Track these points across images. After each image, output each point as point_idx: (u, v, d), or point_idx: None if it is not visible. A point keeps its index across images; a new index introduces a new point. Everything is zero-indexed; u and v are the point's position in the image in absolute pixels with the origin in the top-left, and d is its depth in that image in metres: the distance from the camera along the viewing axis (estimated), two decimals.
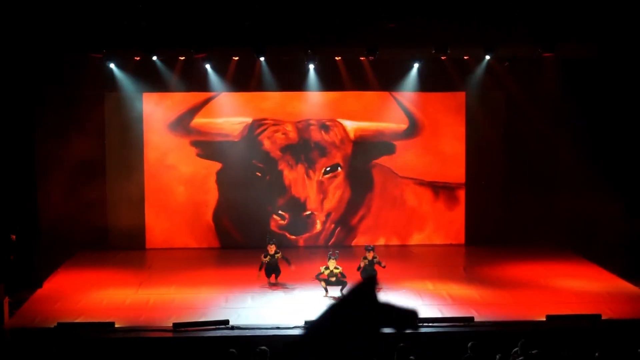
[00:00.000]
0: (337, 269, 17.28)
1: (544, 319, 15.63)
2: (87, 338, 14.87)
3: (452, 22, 18.39)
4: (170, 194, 21.62)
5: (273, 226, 21.63)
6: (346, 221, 21.86)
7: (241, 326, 15.30)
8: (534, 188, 22.10)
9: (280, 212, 21.55)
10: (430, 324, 15.33)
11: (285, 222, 21.54)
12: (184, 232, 21.76)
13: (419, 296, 17.34)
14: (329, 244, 21.55)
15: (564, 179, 21.98)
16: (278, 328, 15.23)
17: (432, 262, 20.70)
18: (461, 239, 22.10)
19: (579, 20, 18.60)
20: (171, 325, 15.31)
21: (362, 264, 17.82)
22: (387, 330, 3.70)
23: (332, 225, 21.73)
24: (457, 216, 22.05)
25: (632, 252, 19.59)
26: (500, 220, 22.09)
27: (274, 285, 18.15)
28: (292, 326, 15.32)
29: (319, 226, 21.69)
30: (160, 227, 21.72)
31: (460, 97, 21.69)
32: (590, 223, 21.11)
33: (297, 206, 21.63)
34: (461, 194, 21.92)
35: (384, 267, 17.91)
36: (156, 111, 21.50)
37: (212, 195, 21.69)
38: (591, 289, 17.98)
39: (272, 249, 18.08)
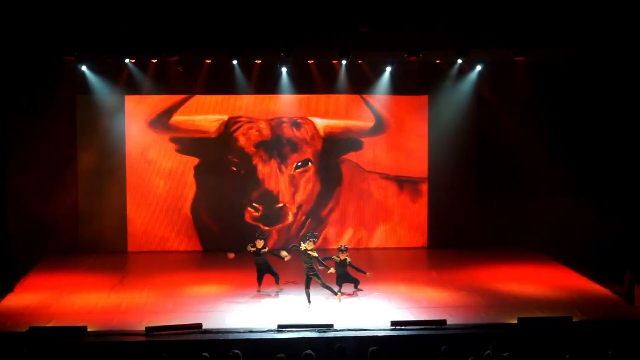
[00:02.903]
0: (313, 252, 16.31)
1: (516, 322, 14.85)
2: (59, 342, 13.94)
3: (424, 26, 17.12)
4: (151, 188, 21.16)
5: (247, 218, 21.29)
6: (316, 213, 21.59)
7: (214, 330, 14.48)
8: (506, 191, 21.33)
9: (254, 204, 21.35)
10: (402, 327, 14.49)
11: (259, 214, 21.41)
12: (163, 223, 21.28)
13: (391, 299, 16.52)
14: (300, 234, 20.92)
15: (535, 183, 21.13)
16: (251, 331, 14.40)
17: (403, 265, 19.86)
18: (429, 237, 21.79)
19: (552, 25, 17.30)
20: (144, 329, 14.40)
21: (333, 262, 16.80)
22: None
23: (304, 217, 21.57)
24: (421, 208, 21.74)
25: (602, 254, 18.67)
26: (472, 222, 21.51)
27: (261, 293, 17.02)
28: (265, 329, 14.45)
29: (290, 218, 21.55)
30: (141, 219, 21.13)
31: (423, 99, 21.39)
32: (562, 226, 20.25)
33: (270, 199, 21.39)
34: (424, 187, 21.68)
35: (365, 272, 16.98)
36: (136, 111, 20.90)
37: (190, 189, 21.22)
38: (562, 291, 17.08)
39: (259, 243, 16.94)
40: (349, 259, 16.89)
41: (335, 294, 16.37)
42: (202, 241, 21.60)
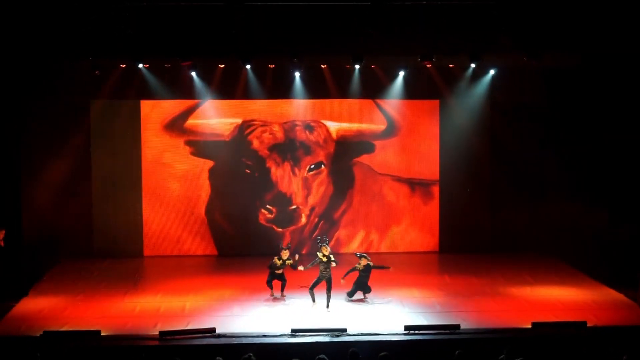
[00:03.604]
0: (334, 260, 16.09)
1: (530, 327, 14.59)
2: (73, 346, 13.79)
3: (438, 31, 16.73)
4: (166, 190, 21.09)
5: (261, 220, 21.24)
6: (329, 215, 21.47)
7: (228, 334, 14.29)
8: (518, 194, 21.04)
9: (267, 206, 21.31)
10: (416, 332, 14.26)
11: (272, 216, 21.38)
12: (178, 225, 21.22)
13: (404, 304, 16.31)
14: (313, 236, 21.02)
15: (548, 187, 20.83)
16: (265, 336, 14.20)
17: (415, 269, 19.57)
18: (440, 240, 21.70)
19: (565, 30, 16.84)
20: (157, 333, 14.21)
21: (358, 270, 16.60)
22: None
23: (316, 219, 21.49)
24: (432, 210, 21.62)
25: (617, 259, 18.24)
26: (484, 226, 21.31)
27: (278, 298, 16.78)
28: (278, 334, 14.25)
29: (303, 219, 21.49)
30: (156, 221, 21.03)
31: (435, 103, 21.29)
32: (576, 231, 19.72)
33: (283, 201, 21.33)
34: (435, 189, 21.56)
35: (388, 268, 16.96)
36: (151, 115, 20.82)
37: (204, 191, 21.16)
38: (576, 296, 16.72)
39: (285, 254, 16.78)
40: (371, 263, 16.64)
41: (314, 301, 16.13)
42: (216, 243, 21.45)
